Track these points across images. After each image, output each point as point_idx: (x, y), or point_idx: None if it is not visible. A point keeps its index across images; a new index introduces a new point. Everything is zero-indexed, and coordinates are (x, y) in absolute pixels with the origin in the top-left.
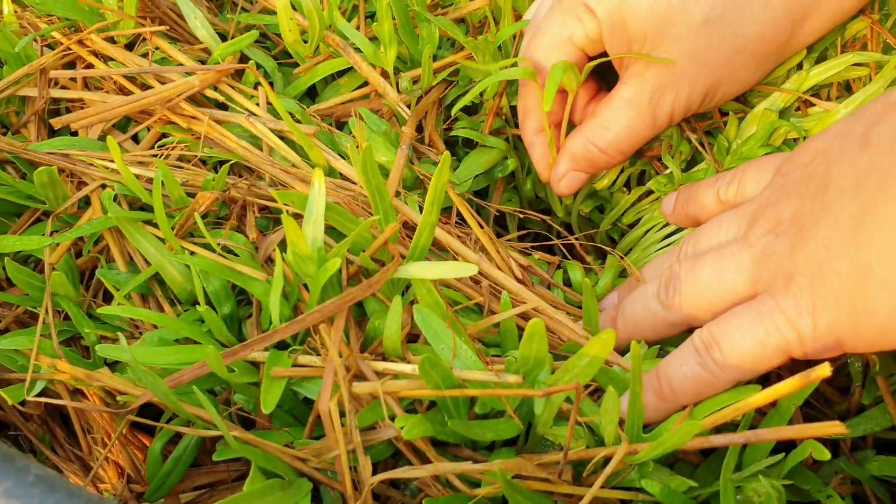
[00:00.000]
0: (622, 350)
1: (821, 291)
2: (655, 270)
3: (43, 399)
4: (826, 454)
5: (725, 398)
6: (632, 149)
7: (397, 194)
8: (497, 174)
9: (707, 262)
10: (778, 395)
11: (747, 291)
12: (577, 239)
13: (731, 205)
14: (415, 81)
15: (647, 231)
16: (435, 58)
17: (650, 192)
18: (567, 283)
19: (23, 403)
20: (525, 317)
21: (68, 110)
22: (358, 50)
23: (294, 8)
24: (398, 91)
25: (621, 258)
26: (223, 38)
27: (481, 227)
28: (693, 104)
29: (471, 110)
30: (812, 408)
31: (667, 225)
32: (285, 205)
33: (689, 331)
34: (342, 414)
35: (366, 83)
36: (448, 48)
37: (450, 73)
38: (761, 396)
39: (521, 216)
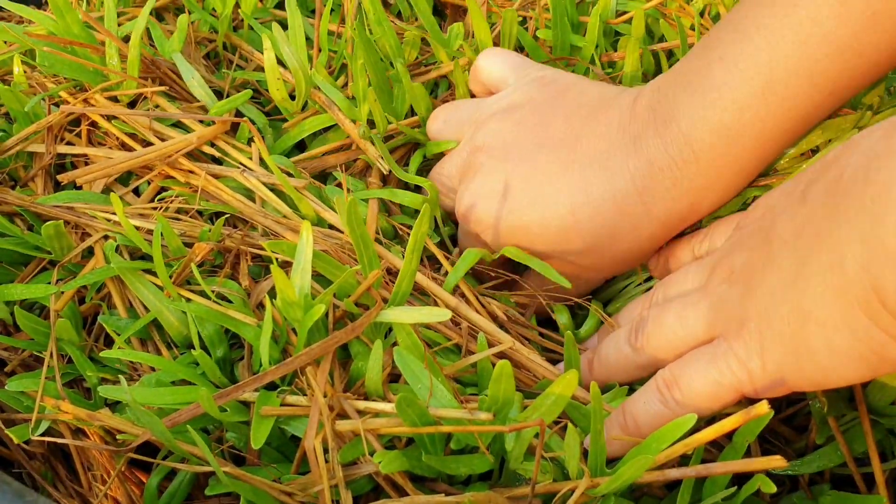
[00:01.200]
0: (603, 390)
1: (768, 335)
2: (628, 315)
3: (47, 438)
4: (772, 487)
5: (673, 433)
6: None
7: (380, 242)
8: None
9: (672, 308)
10: (723, 430)
11: (706, 335)
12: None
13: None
14: (386, 139)
15: (629, 284)
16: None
17: None
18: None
19: (27, 442)
20: (503, 356)
21: (74, 165)
22: (340, 107)
23: (283, 65)
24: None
25: (600, 313)
26: (219, 94)
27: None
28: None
29: None
30: (772, 445)
31: (649, 279)
32: (275, 254)
33: None
34: (326, 450)
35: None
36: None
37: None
38: (708, 432)
39: (493, 275)
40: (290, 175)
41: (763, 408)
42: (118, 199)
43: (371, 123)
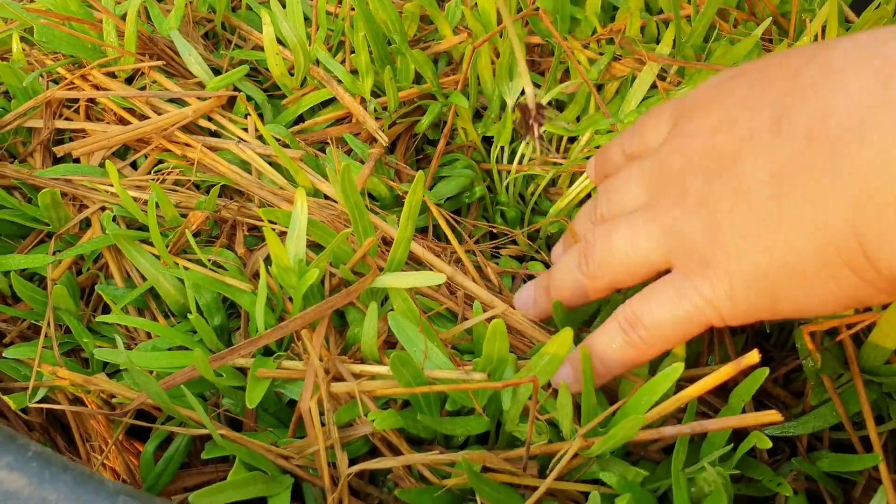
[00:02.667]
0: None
1: (739, 278)
2: (579, 226)
3: (44, 405)
4: (767, 443)
5: (661, 386)
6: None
7: (376, 213)
8: (465, 200)
9: (619, 229)
10: (714, 383)
11: (662, 261)
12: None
13: (637, 158)
14: (385, 107)
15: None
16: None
17: None
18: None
19: (25, 411)
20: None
21: (72, 140)
22: (340, 81)
23: (282, 43)
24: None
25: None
26: (218, 72)
27: (460, 240)
28: None
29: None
30: (768, 409)
31: None
32: (270, 221)
33: None
34: (322, 413)
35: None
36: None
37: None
38: (699, 386)
39: (493, 230)
40: (287, 147)
41: (754, 357)
42: (114, 170)
43: (375, 95)
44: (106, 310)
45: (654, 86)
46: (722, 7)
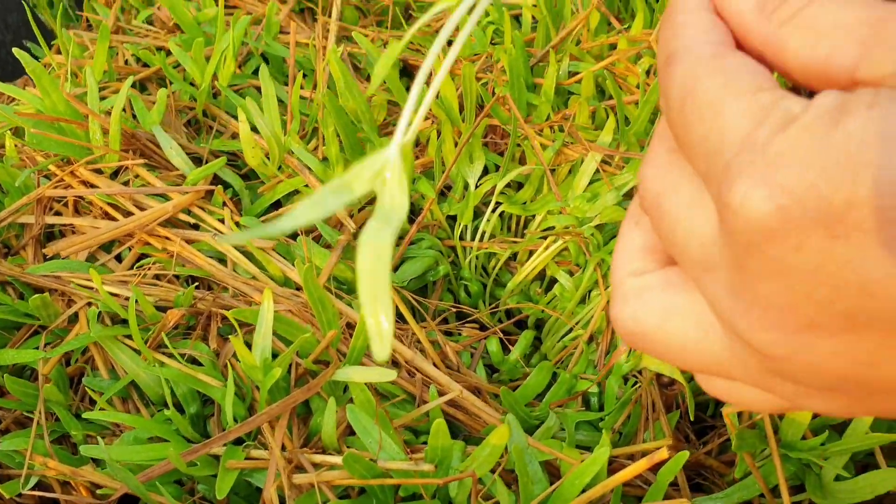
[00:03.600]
0: None
1: None
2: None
3: (36, 492)
4: None
5: (586, 474)
6: None
7: (340, 298)
8: (430, 278)
9: None
10: (630, 475)
11: None
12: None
13: None
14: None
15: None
16: None
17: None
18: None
19: (20, 496)
20: (453, 403)
21: (62, 233)
22: (311, 170)
23: (259, 132)
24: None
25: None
26: (198, 160)
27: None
28: None
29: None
30: (704, 479)
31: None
32: (238, 321)
33: None
34: (284, 501)
35: None
36: None
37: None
38: (618, 477)
39: (454, 310)
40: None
41: (662, 454)
42: (96, 273)
43: None
44: (93, 399)
45: (601, 170)
46: None
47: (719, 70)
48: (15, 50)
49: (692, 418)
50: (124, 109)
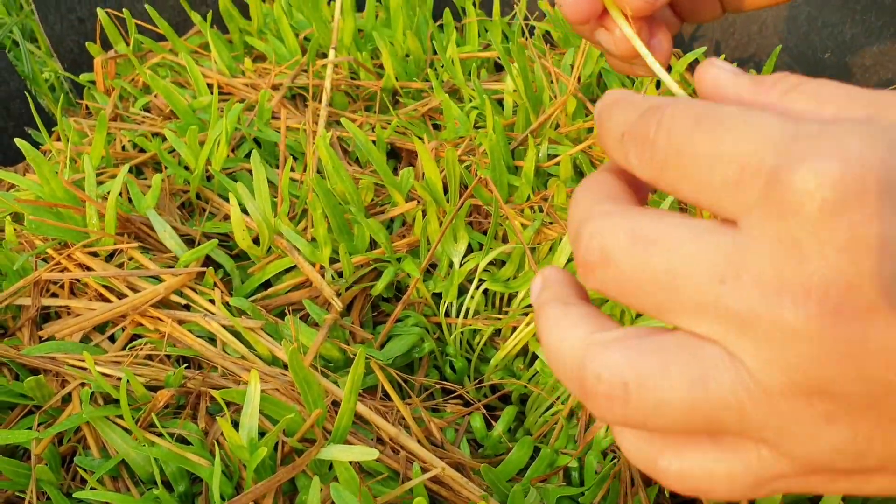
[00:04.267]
0: None
1: None
2: None
3: None
4: None
5: None
6: None
7: (326, 376)
8: (416, 355)
9: None
10: None
11: None
12: (484, 396)
13: None
14: (341, 274)
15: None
16: (368, 249)
17: None
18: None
19: None
20: (436, 480)
21: (57, 314)
22: (300, 251)
23: (248, 213)
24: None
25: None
26: (191, 242)
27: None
28: None
29: (400, 289)
30: None
31: None
32: (226, 401)
33: None
34: None
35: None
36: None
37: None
38: None
39: (439, 386)
40: (249, 317)
41: None
42: (89, 355)
43: (334, 261)
44: (85, 478)
45: None
46: None
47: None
48: (17, 140)
49: (669, 493)
50: (120, 194)
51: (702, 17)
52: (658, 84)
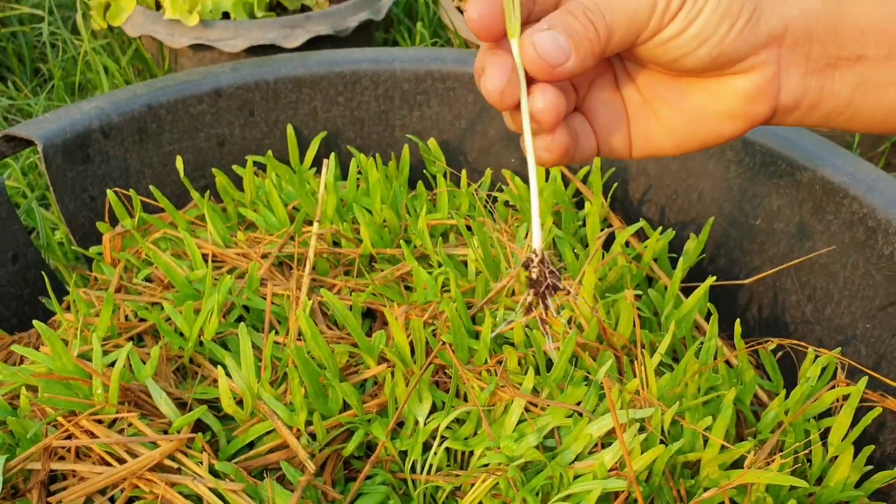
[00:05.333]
0: None
1: None
2: None
3: None
4: None
5: None
6: (625, 29)
7: None
8: None
9: None
10: None
11: None
12: None
13: None
14: (314, 437)
15: None
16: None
17: None
18: None
19: None
20: None
21: (63, 476)
22: (279, 416)
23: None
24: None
25: None
26: (184, 405)
27: None
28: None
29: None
30: None
31: None
32: None
33: None
34: None
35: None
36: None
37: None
38: None
39: None
40: (232, 480)
41: None
42: None
43: (310, 423)
44: None
45: (527, 409)
46: (583, 341)
47: None
48: (35, 323)
49: None
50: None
51: (611, 139)
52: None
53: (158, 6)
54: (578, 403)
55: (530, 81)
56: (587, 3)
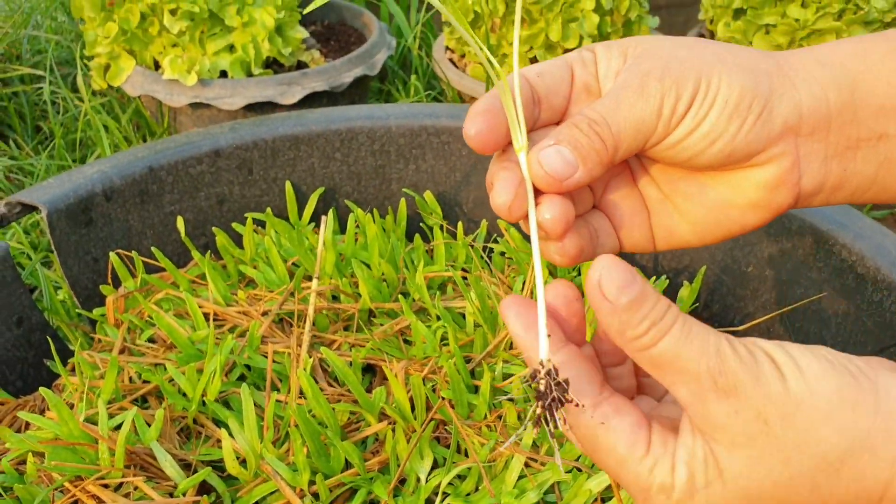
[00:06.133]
0: None
1: None
2: None
3: None
4: None
5: None
6: (632, 137)
7: None
8: None
9: None
10: None
11: None
12: None
13: None
14: (317, 496)
15: None
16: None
17: None
18: None
19: None
20: None
21: None
22: (282, 476)
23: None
24: None
25: None
26: (188, 465)
27: None
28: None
29: None
30: None
31: None
32: None
33: None
34: None
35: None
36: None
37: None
38: None
39: None
40: None
41: None
42: None
43: (313, 482)
44: None
45: (527, 464)
46: None
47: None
48: (42, 389)
49: None
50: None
51: (632, 235)
52: None
53: (157, 66)
54: (577, 458)
55: (539, 192)
56: (592, 115)
